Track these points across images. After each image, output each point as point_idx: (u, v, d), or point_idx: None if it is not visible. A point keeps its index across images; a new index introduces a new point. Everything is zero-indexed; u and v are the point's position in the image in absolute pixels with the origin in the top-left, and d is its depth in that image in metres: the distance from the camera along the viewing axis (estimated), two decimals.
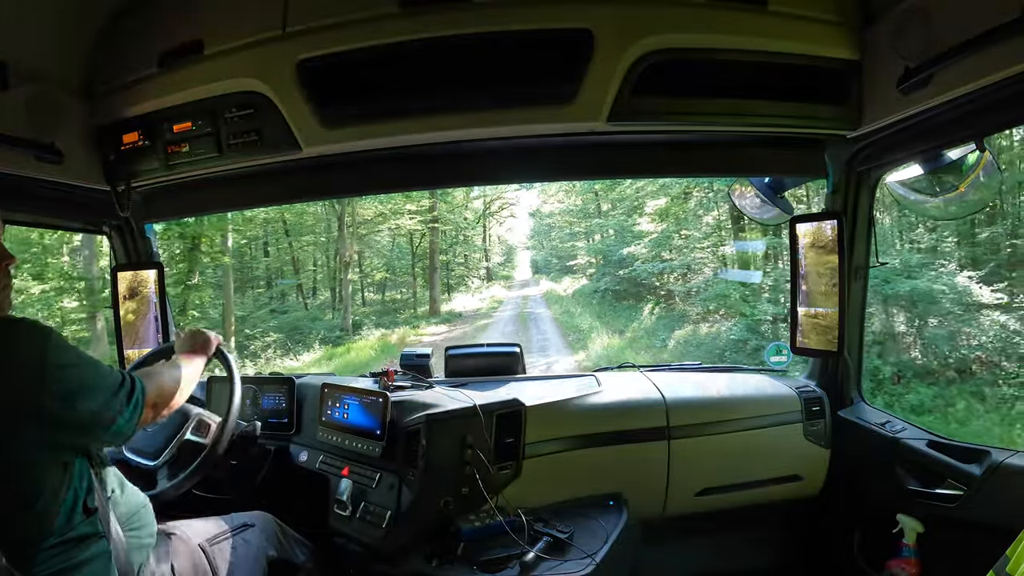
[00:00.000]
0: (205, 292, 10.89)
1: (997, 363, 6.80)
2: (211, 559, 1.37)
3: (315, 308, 15.03)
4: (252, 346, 11.32)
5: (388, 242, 16.65)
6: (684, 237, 10.47)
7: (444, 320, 15.26)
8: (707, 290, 9.54)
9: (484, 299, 19.30)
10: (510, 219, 24.95)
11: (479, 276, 24.67)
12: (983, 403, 6.39)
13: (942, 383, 6.90)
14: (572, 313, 13.34)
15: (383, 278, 17.12)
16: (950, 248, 8.15)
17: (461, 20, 1.48)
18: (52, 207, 1.86)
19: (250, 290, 14.52)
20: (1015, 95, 1.24)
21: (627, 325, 10.82)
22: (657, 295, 10.98)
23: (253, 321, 12.38)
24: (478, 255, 24.89)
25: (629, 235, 11.79)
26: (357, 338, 12.61)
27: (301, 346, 11.89)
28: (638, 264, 11.09)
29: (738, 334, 8.36)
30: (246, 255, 14.10)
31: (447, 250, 18.85)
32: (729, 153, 1.87)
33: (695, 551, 2.12)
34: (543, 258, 25.41)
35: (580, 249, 17.60)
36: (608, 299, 12.67)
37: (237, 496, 1.75)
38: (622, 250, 11.81)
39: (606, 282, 12.97)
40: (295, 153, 1.66)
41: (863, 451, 1.92)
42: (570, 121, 1.57)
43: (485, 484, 1.62)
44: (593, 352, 9.61)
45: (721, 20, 1.50)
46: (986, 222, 7.70)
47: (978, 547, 1.26)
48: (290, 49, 1.54)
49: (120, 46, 1.70)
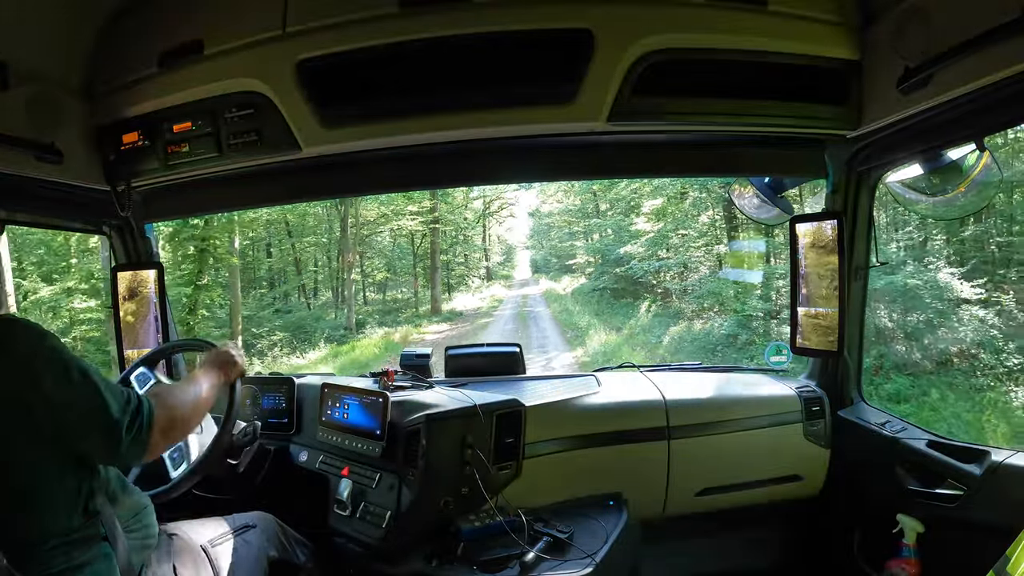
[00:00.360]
0: (214, 292, 11.12)
1: (976, 355, 7.04)
2: (212, 560, 1.37)
3: (317, 308, 15.46)
4: (259, 344, 11.76)
5: (389, 243, 17.12)
6: (681, 236, 10.82)
7: (446, 319, 15.60)
8: (701, 288, 9.88)
9: (484, 298, 19.75)
10: (510, 219, 25.26)
11: (479, 276, 24.94)
12: (954, 392, 6.71)
13: (920, 374, 7.18)
14: (571, 311, 13.73)
15: (384, 278, 17.58)
16: (939, 245, 8.41)
17: (461, 20, 1.48)
18: (52, 207, 1.86)
19: (253, 290, 14.88)
20: (1015, 95, 1.24)
21: (624, 322, 11.14)
22: (654, 293, 11.33)
23: (258, 320, 12.74)
24: (478, 255, 25.23)
25: (626, 234, 12.16)
26: (361, 337, 13.07)
27: (307, 344, 12.31)
28: (634, 263, 11.48)
29: (728, 329, 8.69)
30: (248, 256, 14.49)
31: (447, 250, 19.21)
32: (729, 153, 1.87)
33: (695, 551, 2.12)
34: (542, 257, 25.62)
35: (579, 248, 17.75)
36: (606, 297, 13.05)
37: (237, 496, 1.74)
38: (619, 249, 12.18)
39: (604, 280, 13.35)
40: (295, 153, 1.66)
41: (863, 451, 1.92)
42: (570, 121, 1.57)
43: (485, 484, 1.62)
44: (591, 348, 9.77)
45: (721, 20, 1.50)
46: (973, 220, 7.90)
47: (978, 547, 1.26)
48: (290, 49, 1.54)
49: (120, 46, 1.70)
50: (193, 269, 10.57)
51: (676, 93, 1.56)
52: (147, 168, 1.80)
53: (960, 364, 7.08)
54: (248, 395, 2.03)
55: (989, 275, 7.64)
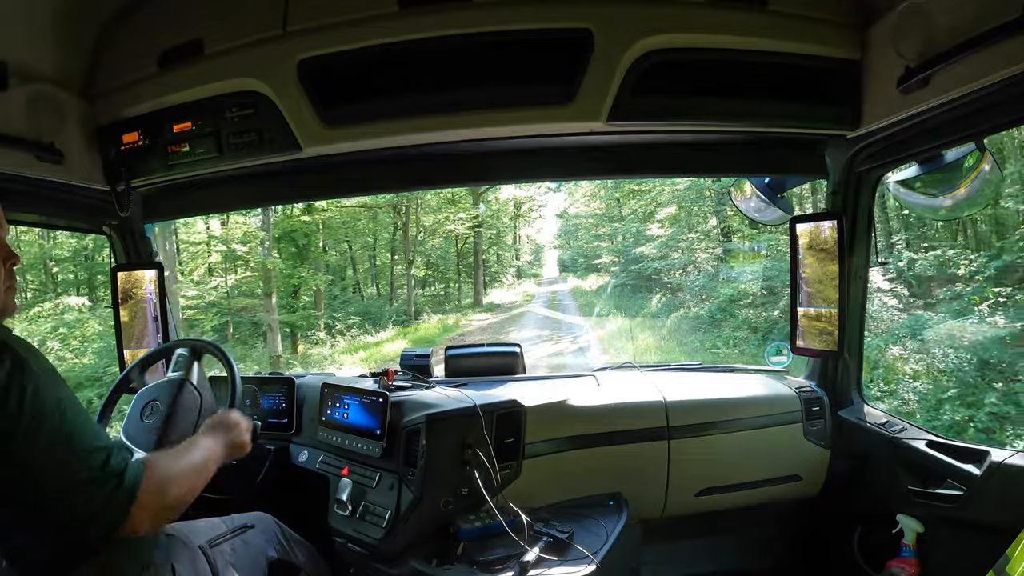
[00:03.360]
0: (310, 281, 13.22)
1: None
2: (212, 560, 1.37)
3: (371, 299, 17.92)
4: (338, 325, 13.77)
5: (437, 243, 19.61)
6: (687, 239, 12.67)
7: (487, 309, 18.12)
8: (696, 282, 11.78)
9: (518, 294, 22.37)
10: (538, 220, 26.14)
11: (511, 274, 26.85)
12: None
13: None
14: (593, 304, 16.27)
15: (425, 274, 20.39)
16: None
17: (461, 20, 1.48)
18: (52, 207, 1.86)
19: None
20: (1015, 95, 1.24)
21: (639, 312, 13.26)
22: (665, 288, 13.15)
23: (334, 307, 14.79)
24: (509, 254, 27.00)
25: (643, 238, 14.10)
26: (419, 322, 15.28)
27: (377, 327, 14.37)
28: (647, 262, 13.45)
29: (708, 312, 10.60)
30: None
31: (486, 250, 21.84)
32: (729, 153, 1.87)
33: (695, 551, 2.12)
34: (570, 257, 26.48)
35: (604, 249, 19.21)
36: (626, 292, 14.74)
37: (237, 496, 1.74)
38: (635, 250, 14.19)
39: (623, 278, 15.26)
40: (295, 153, 1.66)
41: (863, 451, 1.92)
42: (570, 121, 1.57)
43: (485, 484, 1.62)
44: (608, 329, 12.32)
45: (721, 20, 1.50)
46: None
47: (978, 547, 1.27)
48: (290, 49, 1.55)
49: (120, 46, 1.70)
50: (292, 264, 12.71)
51: (676, 93, 1.56)
52: (147, 168, 1.80)
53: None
54: (248, 395, 2.03)
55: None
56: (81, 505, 0.87)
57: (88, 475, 0.87)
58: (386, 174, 1.93)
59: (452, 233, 18.20)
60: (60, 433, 0.86)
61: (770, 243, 10.09)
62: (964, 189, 1.55)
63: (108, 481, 0.88)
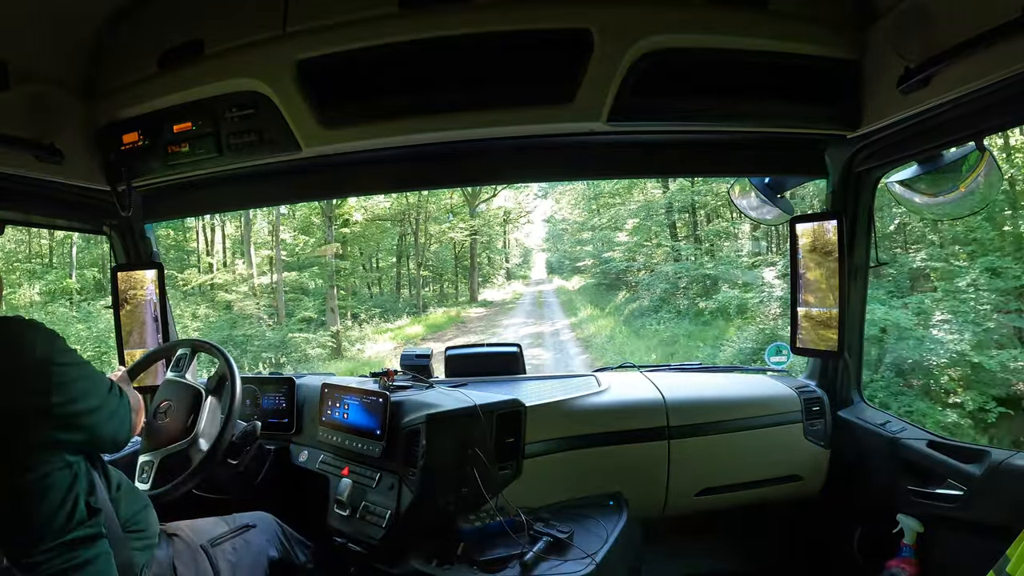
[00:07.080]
0: (351, 279, 16.88)
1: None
2: (213, 560, 1.37)
3: (380, 296, 20.19)
4: (361, 315, 16.38)
5: (436, 249, 22.23)
6: (648, 246, 15.57)
7: (482, 305, 21.02)
8: (650, 280, 14.72)
9: (508, 293, 25.52)
10: (527, 225, 27.78)
11: (502, 275, 28.65)
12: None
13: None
14: (573, 300, 20.47)
15: (426, 275, 22.61)
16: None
17: (460, 20, 1.48)
18: (53, 207, 1.87)
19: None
20: (1015, 95, 1.24)
21: (606, 305, 16.77)
22: (627, 285, 16.64)
23: (358, 300, 17.66)
24: (499, 257, 28.95)
25: (613, 244, 17.02)
26: (428, 313, 18.37)
27: (393, 317, 17.16)
28: (613, 263, 16.79)
29: (652, 302, 13.88)
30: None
31: (480, 253, 24.30)
32: (729, 153, 1.87)
33: (695, 551, 2.13)
34: (557, 259, 28.12)
35: (586, 253, 21.67)
36: (600, 290, 18.90)
37: (238, 496, 1.75)
38: (605, 254, 17.36)
39: (598, 277, 19.40)
40: (295, 153, 1.66)
41: (863, 451, 1.92)
42: (570, 121, 1.57)
43: (485, 484, 1.62)
44: (580, 317, 16.50)
45: (721, 20, 1.50)
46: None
47: (978, 547, 1.27)
48: (290, 49, 1.54)
49: (120, 46, 1.70)
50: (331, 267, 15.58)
51: (676, 93, 1.56)
52: (147, 168, 1.80)
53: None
54: (248, 395, 2.03)
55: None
56: (114, 406, 1.19)
57: (107, 390, 1.18)
58: (386, 174, 1.93)
59: (451, 240, 21.28)
60: (88, 368, 1.14)
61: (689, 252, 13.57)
62: (964, 189, 1.55)
63: (118, 394, 1.21)
